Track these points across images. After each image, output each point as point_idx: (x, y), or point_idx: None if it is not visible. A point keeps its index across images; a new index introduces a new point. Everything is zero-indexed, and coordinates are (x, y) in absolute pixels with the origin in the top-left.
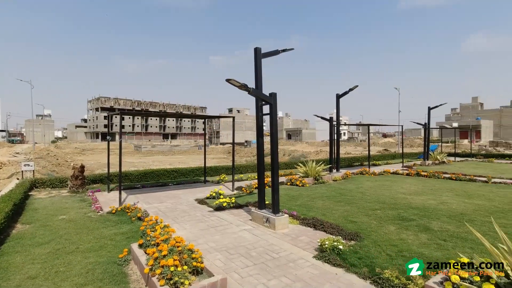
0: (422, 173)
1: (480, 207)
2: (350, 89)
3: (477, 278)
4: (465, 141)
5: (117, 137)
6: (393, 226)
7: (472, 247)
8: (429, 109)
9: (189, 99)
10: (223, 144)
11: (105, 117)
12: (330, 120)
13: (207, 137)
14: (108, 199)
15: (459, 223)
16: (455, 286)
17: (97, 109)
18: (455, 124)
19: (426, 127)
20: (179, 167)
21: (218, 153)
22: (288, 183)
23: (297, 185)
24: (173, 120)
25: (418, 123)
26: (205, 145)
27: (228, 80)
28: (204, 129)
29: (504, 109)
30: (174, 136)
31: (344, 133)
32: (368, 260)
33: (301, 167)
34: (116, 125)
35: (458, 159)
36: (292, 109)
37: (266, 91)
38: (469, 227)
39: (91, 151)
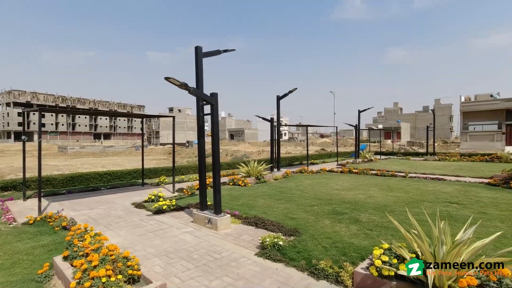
0: (354, 170)
1: (399, 199)
2: (290, 91)
3: (395, 261)
4: (389, 141)
5: (35, 136)
6: (328, 220)
7: (392, 234)
8: (359, 112)
9: (124, 96)
10: (163, 144)
11: (19, 114)
12: (271, 120)
13: (145, 137)
14: (24, 208)
15: (382, 214)
16: (378, 269)
17: (8, 104)
18: (380, 126)
19: (357, 128)
20: (114, 170)
21: (157, 154)
22: (231, 183)
23: (239, 185)
24: (106, 118)
25: (350, 125)
26: (142, 146)
27: (167, 79)
28: (142, 129)
29: (418, 114)
30: (107, 136)
31: (285, 134)
32: (306, 253)
33: (243, 167)
34: (34, 123)
35: (383, 157)
36: (234, 110)
37: (209, 90)
38: (389, 217)
39: (0, 153)
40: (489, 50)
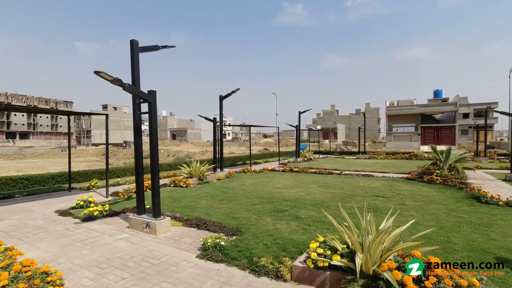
0: (294, 169)
1: (335, 195)
2: (233, 91)
3: (329, 252)
4: (326, 141)
5: None
6: (269, 218)
7: (328, 228)
8: (300, 113)
9: (48, 90)
10: (96, 145)
11: None
12: (213, 120)
13: (74, 137)
14: None
15: (320, 209)
16: (314, 261)
17: None
18: (319, 127)
19: (298, 129)
20: (32, 174)
21: (89, 155)
22: (172, 185)
23: (181, 186)
24: (22, 115)
25: (291, 125)
26: (69, 146)
27: (97, 73)
28: (68, 128)
29: (352, 116)
30: (25, 135)
31: (229, 134)
32: (247, 251)
33: (185, 167)
34: None
35: (321, 156)
36: (177, 109)
37: (148, 87)
38: (324, 212)
39: None
40: (408, 61)
